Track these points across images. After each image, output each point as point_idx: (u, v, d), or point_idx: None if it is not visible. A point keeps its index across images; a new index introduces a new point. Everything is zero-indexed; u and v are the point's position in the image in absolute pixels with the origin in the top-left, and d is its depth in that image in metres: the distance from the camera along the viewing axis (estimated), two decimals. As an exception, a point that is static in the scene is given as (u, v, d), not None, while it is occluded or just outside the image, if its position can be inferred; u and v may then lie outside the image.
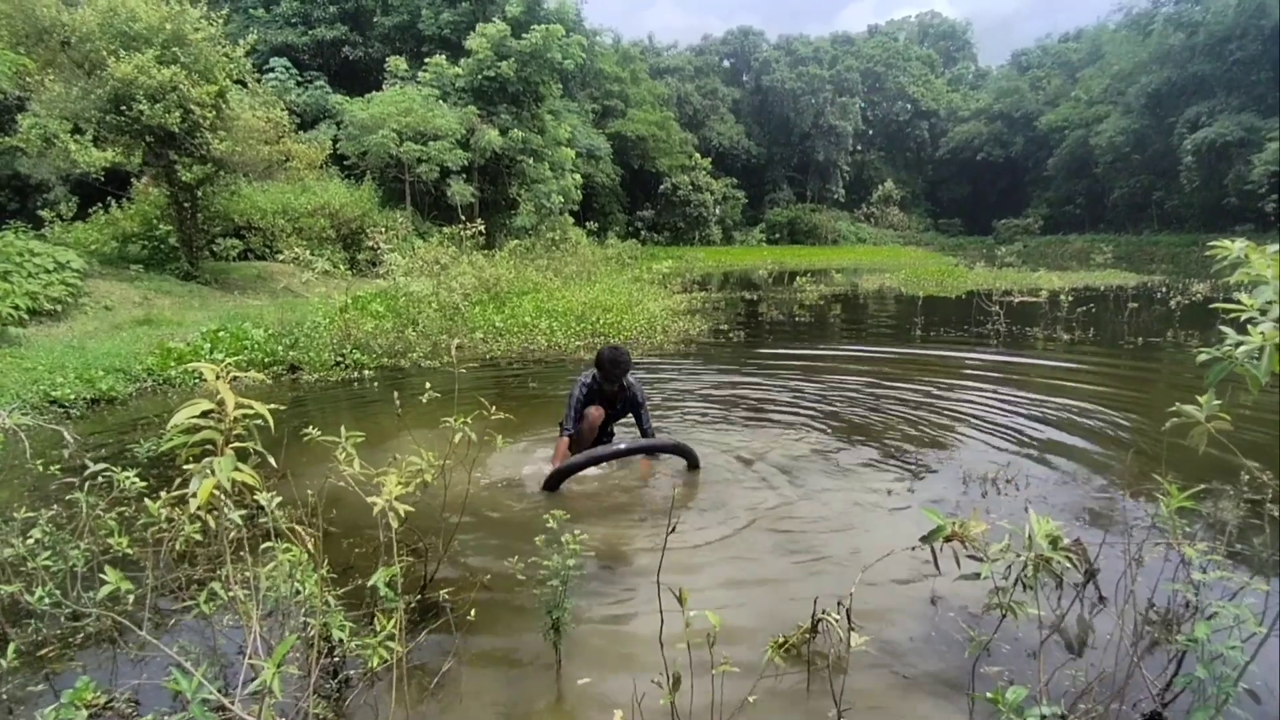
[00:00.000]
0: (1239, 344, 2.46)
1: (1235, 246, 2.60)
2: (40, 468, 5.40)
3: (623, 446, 6.44)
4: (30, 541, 3.86)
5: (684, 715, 3.01)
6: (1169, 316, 18.54)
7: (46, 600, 3.56)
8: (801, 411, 9.28)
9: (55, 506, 4.53)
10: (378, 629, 3.09)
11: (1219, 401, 2.79)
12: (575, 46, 38.58)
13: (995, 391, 10.34)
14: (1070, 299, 19.55)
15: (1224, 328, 2.57)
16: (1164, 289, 25.21)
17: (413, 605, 4.23)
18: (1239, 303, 2.52)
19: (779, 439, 7.94)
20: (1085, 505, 6.02)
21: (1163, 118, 57.93)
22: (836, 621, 3.60)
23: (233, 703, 2.49)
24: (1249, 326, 2.46)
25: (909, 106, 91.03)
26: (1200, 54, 54.51)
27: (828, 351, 14.62)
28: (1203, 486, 4.68)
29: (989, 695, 2.63)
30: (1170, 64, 56.92)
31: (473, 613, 4.01)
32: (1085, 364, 12.66)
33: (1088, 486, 6.49)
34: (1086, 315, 18.07)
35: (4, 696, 3.46)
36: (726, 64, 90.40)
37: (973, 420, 8.76)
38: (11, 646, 3.19)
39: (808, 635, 3.74)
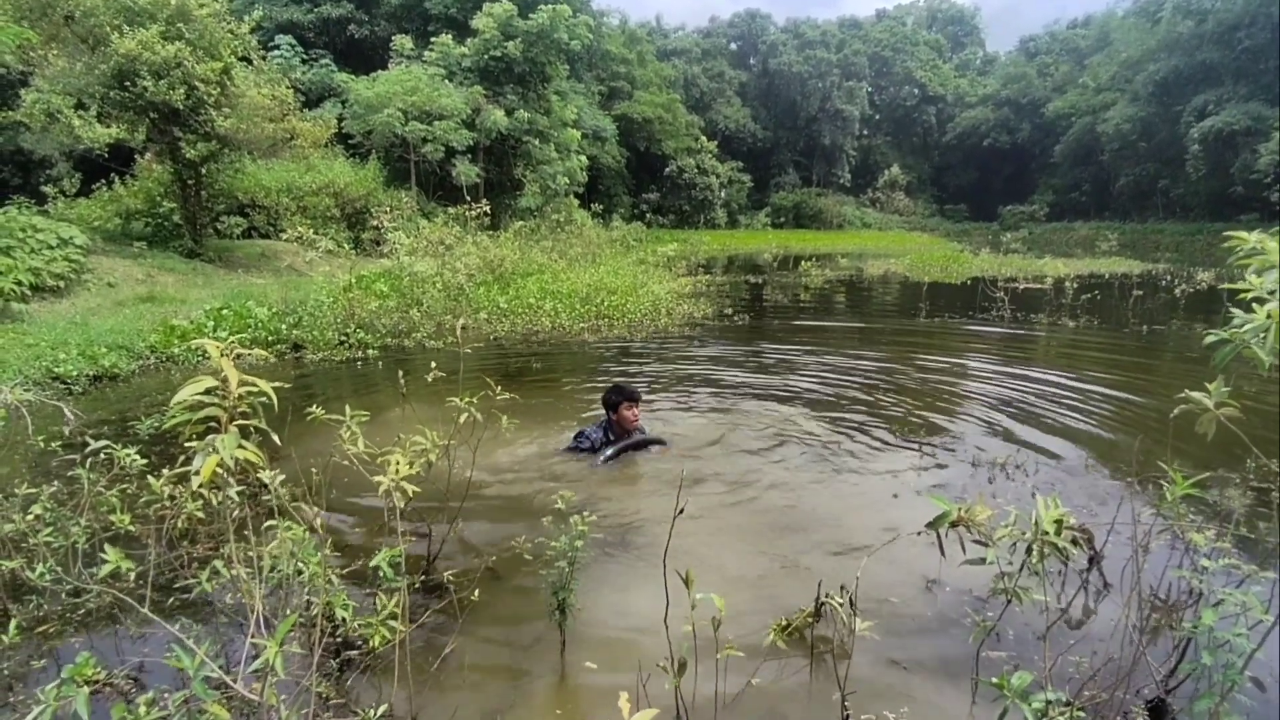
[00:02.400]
0: (1245, 324, 2.44)
1: (1251, 237, 2.57)
2: (42, 444, 5.40)
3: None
4: (31, 517, 3.86)
5: (689, 697, 3.01)
6: (1174, 304, 18.51)
7: (48, 576, 3.56)
8: (807, 394, 9.27)
9: (56, 483, 4.51)
10: (380, 609, 3.08)
11: (1228, 389, 2.76)
12: (582, 27, 38.40)
13: (1002, 377, 10.32)
14: (1075, 286, 19.48)
15: (1233, 309, 2.54)
16: (1169, 277, 25.12)
17: (416, 585, 4.22)
18: (1247, 284, 2.50)
19: (785, 421, 7.92)
20: (1093, 491, 6.00)
21: (1170, 106, 57.62)
22: (840, 605, 3.58)
23: (235, 680, 2.48)
24: (1255, 305, 2.44)
25: (916, 91, 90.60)
26: (1209, 42, 54.19)
27: (834, 336, 14.59)
28: (1209, 474, 4.66)
29: (994, 681, 2.61)
30: (1178, 52, 56.59)
31: (476, 593, 4.01)
32: (1091, 351, 12.63)
33: (1096, 473, 6.47)
34: (1091, 302, 18.00)
35: (5, 672, 3.46)
36: (734, 47, 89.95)
37: (981, 405, 8.75)
38: (13, 622, 3.18)
39: (811, 619, 3.72)
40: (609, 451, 6.52)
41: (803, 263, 30.54)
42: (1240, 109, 50.42)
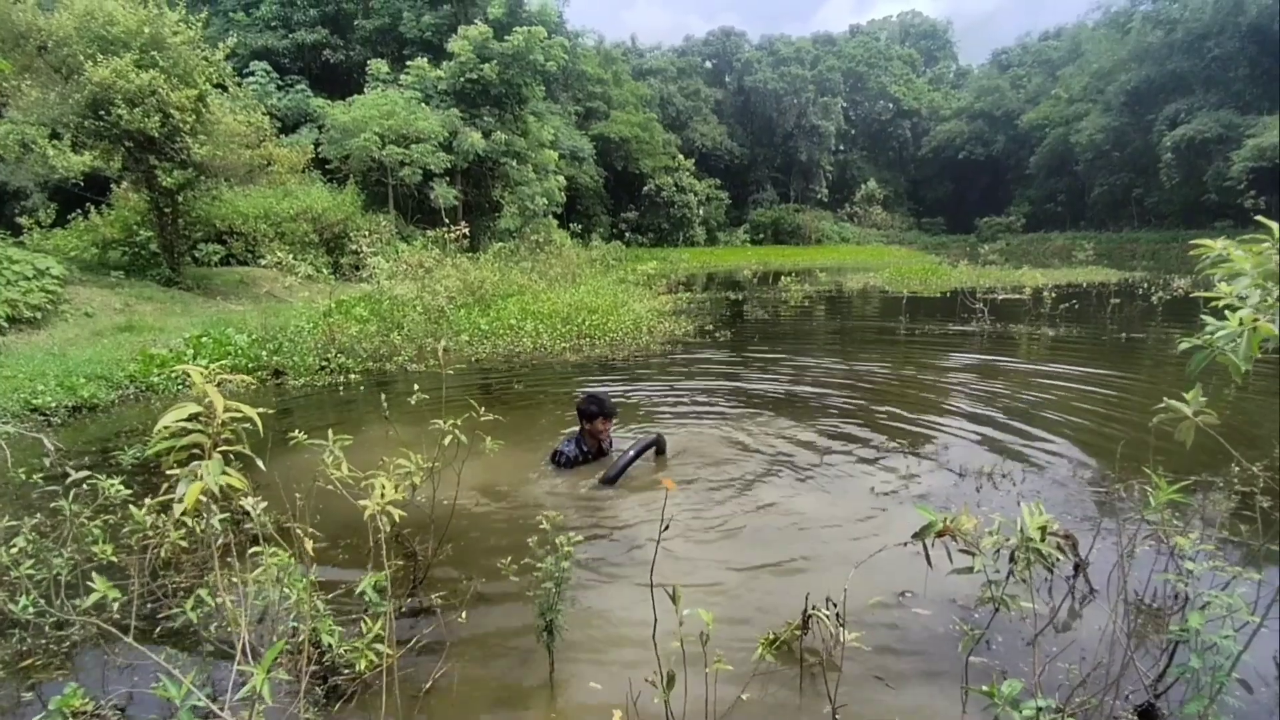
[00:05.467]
0: (1218, 331, 2.46)
1: (1217, 245, 2.62)
2: (22, 476, 5.34)
3: (632, 454, 6.59)
4: (14, 550, 3.81)
5: (679, 713, 2.99)
6: (1151, 311, 18.67)
7: (31, 609, 3.52)
8: (792, 407, 9.28)
9: (38, 515, 4.47)
10: (365, 633, 3.06)
11: (1205, 398, 2.79)
12: (557, 48, 38.54)
13: (985, 386, 10.37)
14: (1053, 296, 19.63)
15: (1206, 317, 2.57)
16: (1145, 285, 25.33)
17: (403, 609, 4.19)
18: (1219, 291, 2.54)
19: (770, 434, 7.93)
20: (1079, 499, 6.04)
21: (1142, 115, 58.37)
22: (827, 618, 3.58)
23: (222, 709, 2.45)
24: (1228, 312, 2.47)
25: (891, 106, 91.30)
26: (1178, 51, 55.00)
27: (816, 349, 14.63)
28: (1192, 479, 4.70)
29: (984, 689, 2.61)
30: (1149, 61, 57.40)
31: (464, 615, 3.98)
32: (1072, 359, 12.70)
33: (1082, 480, 6.51)
34: (1070, 311, 18.16)
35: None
36: (709, 65, 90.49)
37: (965, 414, 8.79)
38: (-4, 656, 3.15)
39: (799, 632, 3.72)
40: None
41: (782, 278, 30.57)
42: (1211, 117, 51.19)
